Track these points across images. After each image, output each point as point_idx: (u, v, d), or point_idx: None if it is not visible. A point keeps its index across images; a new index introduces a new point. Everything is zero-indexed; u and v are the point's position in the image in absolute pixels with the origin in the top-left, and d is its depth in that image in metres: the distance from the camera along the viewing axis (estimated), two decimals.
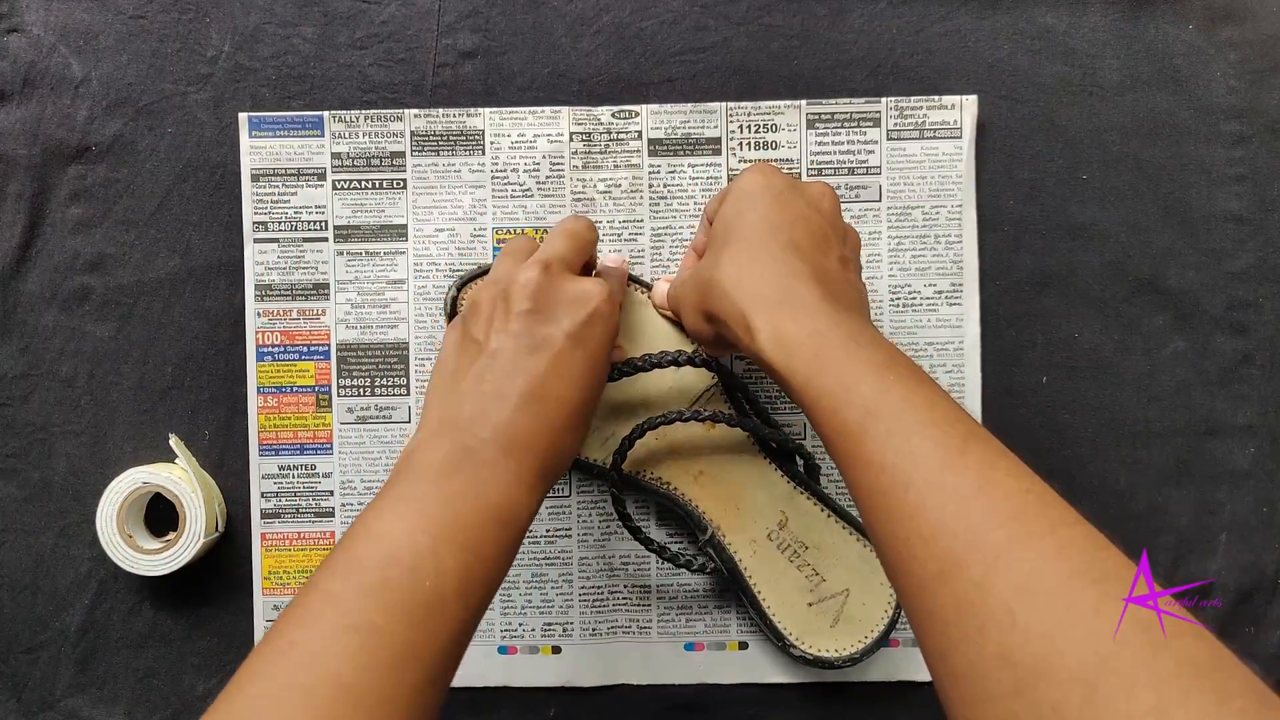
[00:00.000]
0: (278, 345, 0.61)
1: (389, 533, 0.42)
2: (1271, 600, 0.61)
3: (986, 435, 0.40)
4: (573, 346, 0.47)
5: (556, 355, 0.46)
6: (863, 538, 0.59)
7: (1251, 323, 0.61)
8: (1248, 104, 0.61)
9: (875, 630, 0.59)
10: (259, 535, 0.61)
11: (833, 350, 0.43)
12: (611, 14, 0.61)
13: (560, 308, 0.48)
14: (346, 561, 0.41)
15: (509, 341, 0.47)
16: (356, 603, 0.39)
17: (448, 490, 0.43)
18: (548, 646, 0.61)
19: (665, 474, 0.59)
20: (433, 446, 0.45)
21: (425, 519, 0.42)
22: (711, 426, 0.59)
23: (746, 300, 0.46)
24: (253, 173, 0.61)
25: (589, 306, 0.48)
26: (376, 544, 0.41)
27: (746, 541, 0.59)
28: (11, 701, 0.61)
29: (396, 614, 0.39)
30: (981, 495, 0.37)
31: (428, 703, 0.40)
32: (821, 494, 0.59)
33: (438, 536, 0.41)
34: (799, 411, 0.61)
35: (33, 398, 0.61)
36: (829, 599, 0.59)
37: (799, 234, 0.48)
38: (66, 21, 0.61)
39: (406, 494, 0.43)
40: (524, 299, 0.47)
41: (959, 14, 0.61)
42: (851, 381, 0.42)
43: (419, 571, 0.40)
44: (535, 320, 0.47)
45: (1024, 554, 0.35)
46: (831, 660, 0.58)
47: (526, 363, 0.46)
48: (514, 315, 0.47)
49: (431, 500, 0.43)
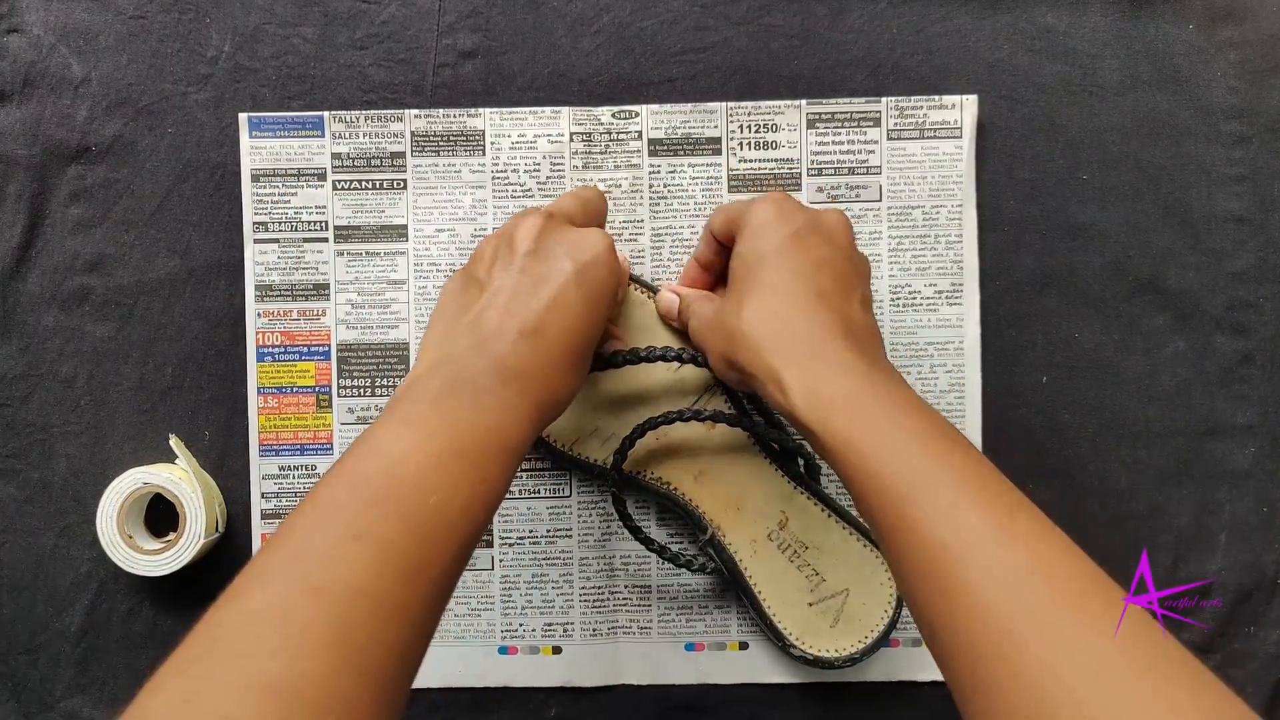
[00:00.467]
0: (278, 346, 0.61)
1: (391, 450, 0.42)
2: (1271, 600, 0.61)
3: (1030, 504, 0.41)
4: (575, 284, 0.47)
5: (558, 290, 0.47)
6: (863, 538, 0.59)
7: (1251, 323, 0.61)
8: (1248, 104, 0.61)
9: (875, 630, 0.59)
10: (259, 536, 0.61)
11: (870, 412, 0.43)
12: (611, 14, 0.61)
13: (563, 249, 0.48)
14: (351, 474, 0.41)
15: (510, 278, 0.47)
16: (364, 514, 0.39)
17: (448, 412, 0.43)
18: (548, 647, 0.61)
19: (665, 474, 0.59)
20: (433, 375, 0.45)
21: (428, 437, 0.42)
22: (712, 426, 0.59)
23: (776, 356, 0.46)
24: (253, 173, 0.61)
25: (592, 250, 0.48)
26: (379, 459, 0.41)
27: (747, 541, 0.59)
28: (11, 703, 0.61)
29: (405, 528, 0.40)
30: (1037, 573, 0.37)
31: (434, 615, 0.40)
32: (822, 494, 0.59)
33: (439, 455, 0.42)
34: None
35: (33, 398, 0.61)
36: (829, 599, 0.59)
37: (824, 280, 0.48)
38: (66, 21, 0.61)
39: (407, 415, 0.43)
40: (527, 240, 0.48)
41: (959, 14, 0.61)
42: (894, 447, 0.42)
43: (423, 488, 0.41)
44: (538, 259, 0.48)
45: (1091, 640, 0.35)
46: (831, 660, 0.58)
47: (527, 298, 0.47)
48: (517, 255, 0.48)
49: (433, 421, 0.43)
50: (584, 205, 0.52)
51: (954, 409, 0.61)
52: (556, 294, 0.47)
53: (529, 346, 0.46)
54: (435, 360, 0.46)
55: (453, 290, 0.49)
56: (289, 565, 0.38)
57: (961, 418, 0.61)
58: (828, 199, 0.61)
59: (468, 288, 0.49)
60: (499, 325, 0.46)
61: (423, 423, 0.43)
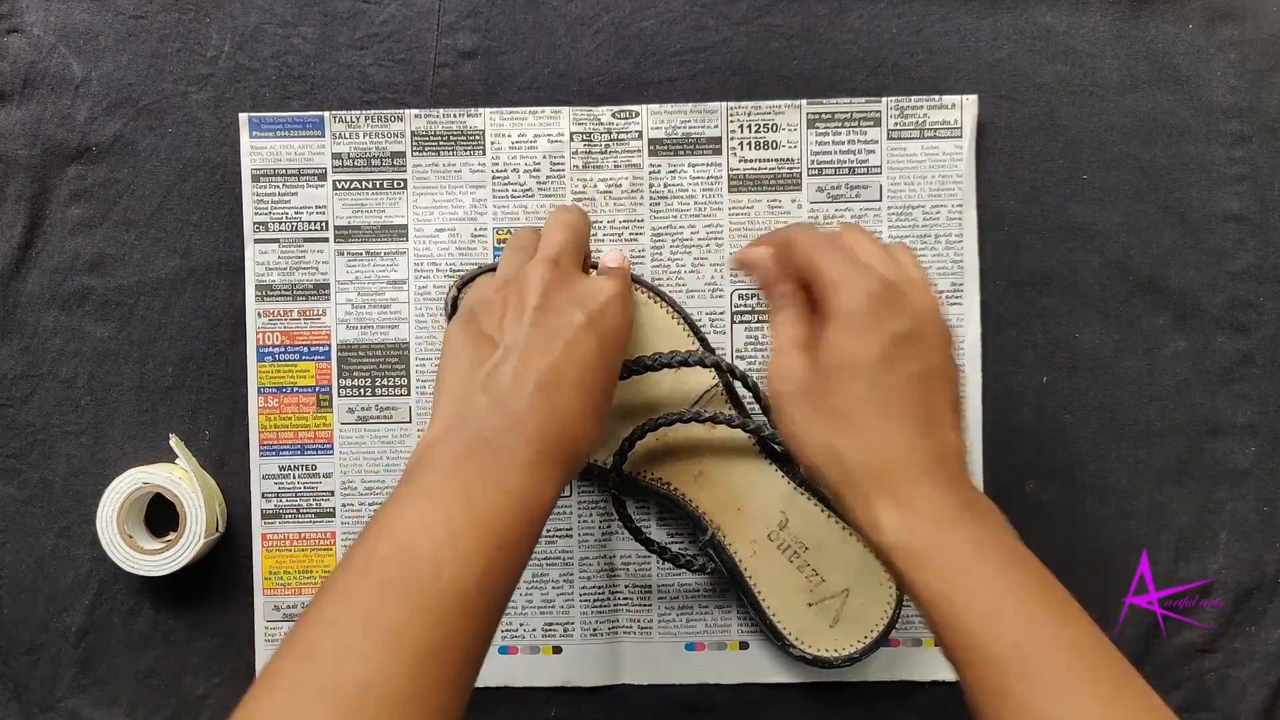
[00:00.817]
0: (278, 345, 0.61)
1: (406, 526, 0.41)
2: (1271, 600, 0.61)
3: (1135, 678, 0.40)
4: (587, 335, 0.47)
5: (570, 343, 0.46)
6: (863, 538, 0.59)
7: (1251, 322, 0.61)
8: (1248, 104, 0.61)
9: (875, 630, 0.59)
10: (259, 536, 0.61)
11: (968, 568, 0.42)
12: (611, 14, 0.61)
13: (573, 301, 0.48)
14: (365, 557, 0.41)
15: (523, 334, 0.47)
16: (376, 601, 0.39)
17: (464, 480, 0.43)
18: (548, 646, 0.61)
19: (666, 474, 0.59)
20: (448, 439, 0.44)
21: (444, 510, 0.42)
22: (712, 427, 0.59)
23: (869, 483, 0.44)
24: (253, 173, 0.61)
25: (601, 298, 0.48)
26: (394, 538, 0.41)
27: (747, 542, 0.59)
28: (12, 703, 0.61)
29: (418, 609, 0.39)
30: None
31: (453, 700, 0.40)
32: (822, 495, 0.59)
33: (456, 528, 0.41)
34: None
35: (33, 398, 0.61)
36: (829, 599, 0.59)
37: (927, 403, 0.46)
38: (66, 21, 0.61)
39: (422, 487, 0.43)
40: (536, 294, 0.47)
41: (959, 14, 0.61)
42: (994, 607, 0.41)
43: (439, 564, 0.40)
44: (549, 313, 0.47)
45: None
46: (831, 660, 0.58)
47: (541, 353, 0.46)
48: (528, 309, 0.47)
49: (448, 491, 0.42)
50: (574, 234, 0.52)
51: None
52: (570, 347, 0.46)
53: (546, 401, 0.45)
54: (451, 420, 0.46)
55: (460, 343, 0.48)
56: (297, 667, 0.38)
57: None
58: (828, 199, 0.61)
59: (479, 343, 0.48)
60: (515, 381, 0.45)
61: (437, 493, 0.42)
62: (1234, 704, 0.61)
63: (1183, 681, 0.61)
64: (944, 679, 0.61)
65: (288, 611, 0.61)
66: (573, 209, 0.54)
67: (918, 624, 0.61)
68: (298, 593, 0.61)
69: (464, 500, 0.42)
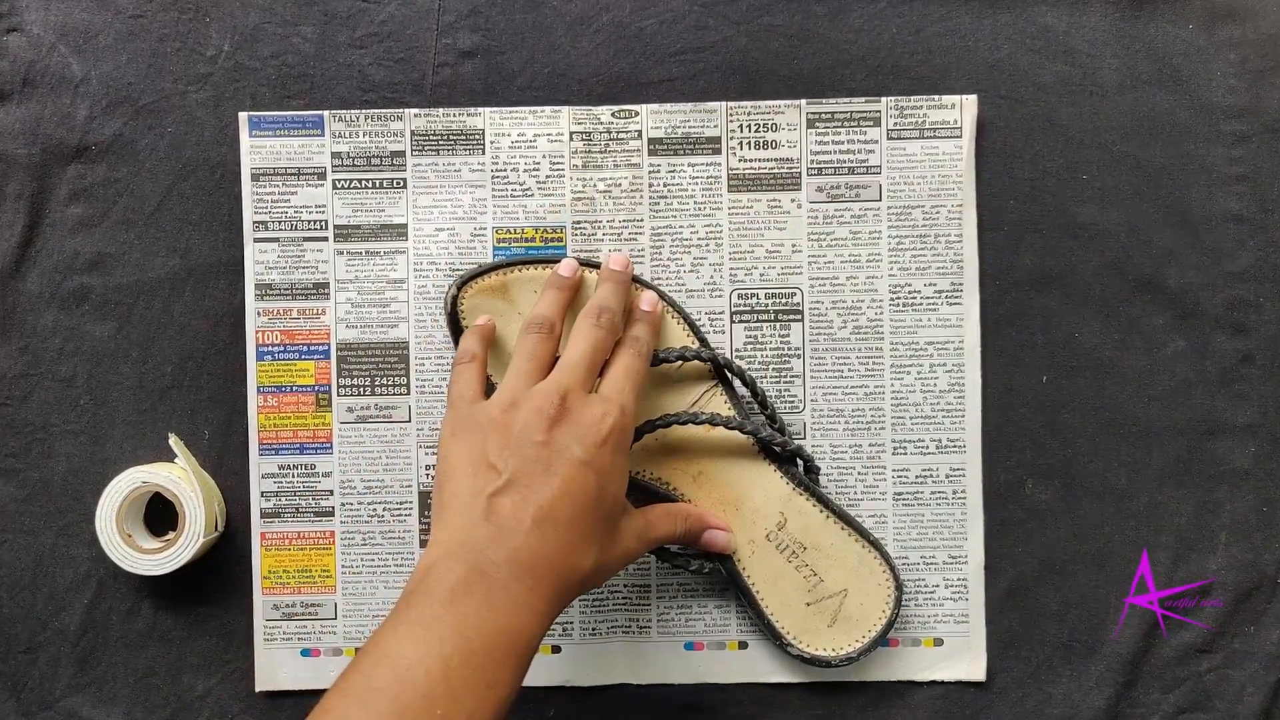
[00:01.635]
0: (277, 345, 0.61)
1: (402, 656, 0.43)
2: (1271, 600, 0.61)
3: None
4: (584, 471, 0.49)
5: (567, 480, 0.48)
6: (862, 539, 0.59)
7: (1251, 323, 0.61)
8: (1248, 104, 0.61)
9: (873, 630, 0.59)
10: (259, 535, 0.61)
11: None
12: (611, 13, 0.61)
13: (573, 434, 0.49)
14: (361, 686, 0.43)
15: (523, 468, 0.48)
16: None
17: (460, 613, 0.44)
18: (547, 646, 0.61)
19: (664, 474, 0.59)
20: (447, 568, 0.46)
21: (439, 643, 0.43)
22: (710, 428, 0.59)
23: None
24: (253, 172, 0.61)
25: (601, 431, 0.50)
26: (390, 668, 0.43)
27: (745, 542, 0.59)
28: (11, 701, 0.61)
29: None
30: None
31: None
32: (821, 495, 0.59)
33: (448, 660, 0.43)
34: (799, 411, 0.61)
35: (32, 397, 0.61)
36: (827, 599, 0.59)
37: None
38: (66, 21, 0.61)
39: (420, 616, 0.45)
40: (540, 430, 0.49)
41: (959, 14, 0.61)
42: None
43: (432, 697, 0.42)
44: (549, 449, 0.49)
45: None
46: (829, 659, 0.58)
47: (540, 487, 0.48)
48: (529, 443, 0.49)
49: (445, 624, 0.44)
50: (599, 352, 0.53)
51: (954, 409, 0.61)
52: (566, 484, 0.48)
53: (540, 536, 0.47)
54: (452, 545, 0.47)
55: (463, 461, 0.50)
56: None
57: (961, 418, 0.61)
58: (827, 198, 0.61)
59: (481, 469, 0.49)
60: (514, 515, 0.47)
61: (436, 624, 0.44)
62: (1233, 704, 0.60)
63: (1182, 681, 0.61)
64: (944, 679, 0.61)
65: (286, 610, 0.61)
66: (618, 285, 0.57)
67: (917, 624, 0.61)
68: (296, 592, 0.61)
69: (458, 635, 0.44)
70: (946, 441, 0.61)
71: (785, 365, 0.61)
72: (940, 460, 0.61)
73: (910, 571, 0.61)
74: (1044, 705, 0.61)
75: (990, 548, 0.61)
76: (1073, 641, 0.61)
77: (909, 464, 0.61)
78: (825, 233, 0.61)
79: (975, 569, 0.61)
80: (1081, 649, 0.61)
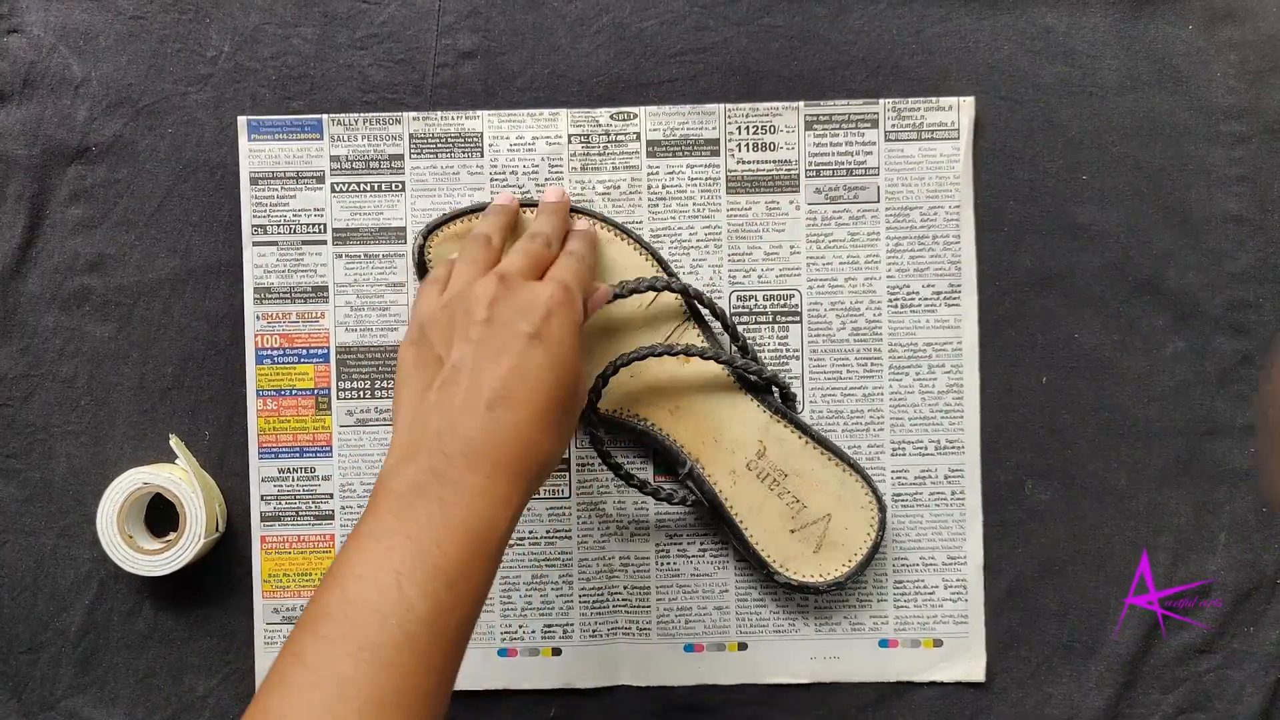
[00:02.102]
0: (277, 348, 0.61)
1: (353, 574, 0.42)
2: (1271, 600, 0.61)
3: None
4: (533, 346, 0.47)
5: (519, 356, 0.46)
6: (843, 463, 0.59)
7: (1251, 323, 0.61)
8: (1248, 104, 0.61)
9: (858, 554, 0.59)
10: (259, 538, 0.61)
11: None
12: (611, 14, 0.61)
13: (517, 313, 0.48)
14: (314, 611, 0.42)
15: (469, 350, 0.47)
16: (322, 655, 0.40)
17: (411, 520, 0.43)
18: (548, 648, 0.61)
19: (643, 411, 0.59)
20: (399, 471, 0.45)
21: (388, 554, 0.42)
22: (685, 360, 0.59)
23: None
24: (251, 176, 0.61)
25: (544, 306, 0.48)
26: (342, 589, 0.42)
27: (726, 473, 0.59)
28: (12, 702, 0.61)
29: (362, 661, 0.40)
30: None
31: None
32: (799, 421, 0.59)
33: (401, 572, 0.42)
34: (798, 412, 0.61)
35: (33, 398, 0.61)
36: (810, 525, 0.59)
37: None
38: (66, 21, 0.61)
39: (373, 528, 0.44)
40: (481, 309, 0.48)
41: (959, 14, 0.61)
42: None
43: (383, 613, 0.41)
44: (493, 327, 0.47)
45: None
46: (817, 585, 0.59)
47: (489, 369, 0.46)
48: (472, 324, 0.47)
49: (395, 534, 0.43)
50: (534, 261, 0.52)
51: (953, 409, 0.61)
52: (517, 359, 0.46)
53: (494, 419, 0.45)
54: (405, 448, 0.46)
55: (411, 364, 0.49)
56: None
57: (960, 419, 0.61)
58: (825, 200, 0.61)
59: (428, 363, 0.48)
60: (465, 401, 0.46)
61: (385, 536, 0.43)
62: (1233, 705, 0.61)
63: (1182, 682, 0.61)
64: (943, 679, 0.61)
65: (287, 614, 0.61)
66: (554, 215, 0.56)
67: (916, 625, 0.61)
68: (297, 595, 0.61)
69: (410, 543, 0.43)
70: (945, 442, 0.61)
71: (784, 366, 0.61)
72: (939, 461, 0.61)
73: (909, 572, 0.61)
74: (1044, 705, 0.61)
75: (990, 548, 0.61)
76: (1072, 642, 0.61)
77: (908, 465, 0.61)
78: (823, 234, 0.61)
79: (975, 570, 0.61)
80: (1081, 649, 0.61)
